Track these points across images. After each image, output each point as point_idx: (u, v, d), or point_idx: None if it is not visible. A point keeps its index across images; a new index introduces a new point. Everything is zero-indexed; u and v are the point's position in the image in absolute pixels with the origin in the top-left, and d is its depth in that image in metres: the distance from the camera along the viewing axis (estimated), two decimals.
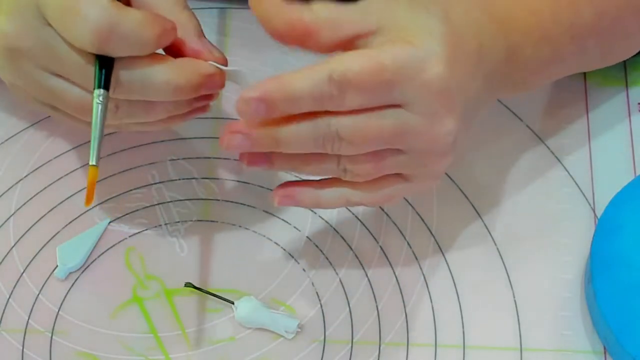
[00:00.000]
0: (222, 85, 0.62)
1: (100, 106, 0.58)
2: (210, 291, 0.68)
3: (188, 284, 0.68)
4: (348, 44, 0.57)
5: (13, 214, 0.71)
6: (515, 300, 0.68)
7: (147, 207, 0.72)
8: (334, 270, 0.69)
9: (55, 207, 0.72)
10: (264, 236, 0.70)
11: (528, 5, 0.63)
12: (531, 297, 0.68)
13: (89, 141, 0.58)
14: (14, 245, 0.70)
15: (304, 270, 0.69)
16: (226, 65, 0.62)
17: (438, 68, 0.56)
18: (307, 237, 0.70)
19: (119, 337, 0.67)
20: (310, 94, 0.57)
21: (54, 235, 0.70)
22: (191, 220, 0.71)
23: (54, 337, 0.67)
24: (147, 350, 0.66)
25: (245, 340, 0.67)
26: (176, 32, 0.60)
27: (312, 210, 0.71)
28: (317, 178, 0.62)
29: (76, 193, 0.72)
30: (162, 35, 0.59)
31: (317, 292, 0.68)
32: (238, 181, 0.73)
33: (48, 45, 0.58)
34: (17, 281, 0.69)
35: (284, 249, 0.70)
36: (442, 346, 0.66)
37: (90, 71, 0.58)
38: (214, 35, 0.80)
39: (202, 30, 0.62)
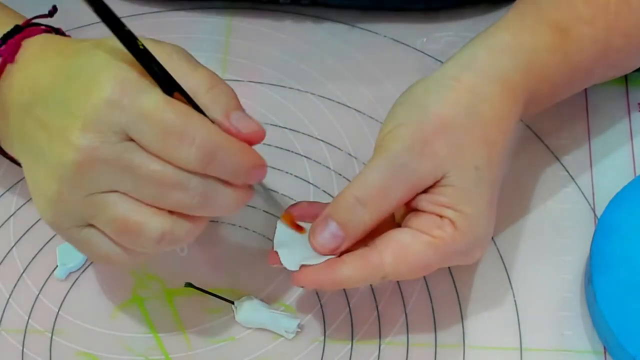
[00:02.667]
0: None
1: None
2: (210, 291, 0.68)
3: (188, 284, 0.68)
4: None
5: (13, 214, 0.71)
6: (515, 300, 0.68)
7: None
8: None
9: None
10: (264, 236, 0.70)
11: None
12: (531, 297, 0.68)
13: None
14: (14, 245, 0.70)
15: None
16: (263, 136, 0.59)
17: (483, 250, 0.63)
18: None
19: (119, 337, 0.67)
20: (359, 286, 0.64)
21: (54, 235, 0.70)
22: None
23: (54, 337, 0.67)
24: (147, 350, 0.66)
25: (245, 340, 0.67)
26: (266, 169, 0.59)
27: None
28: None
29: None
30: (257, 169, 0.59)
31: (317, 292, 0.68)
32: None
33: (123, 158, 0.55)
34: (17, 281, 0.69)
35: None
36: (442, 346, 0.66)
37: (166, 190, 0.56)
38: (215, 35, 0.80)
39: (235, 104, 0.58)
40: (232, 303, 0.67)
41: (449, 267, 0.69)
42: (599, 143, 0.74)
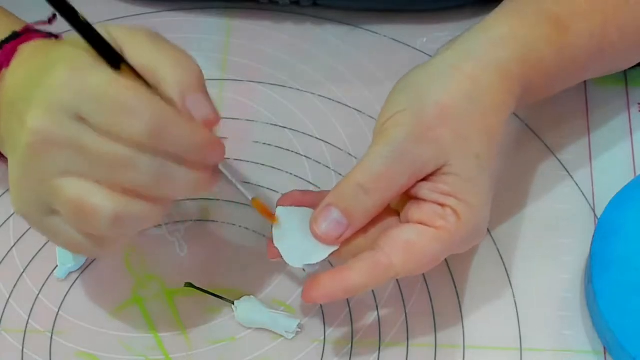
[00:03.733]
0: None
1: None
2: (210, 291, 0.68)
3: (188, 284, 0.68)
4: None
5: (13, 214, 0.71)
6: (515, 300, 0.68)
7: None
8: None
9: None
10: (264, 236, 0.70)
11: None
12: (531, 297, 0.68)
13: None
14: (14, 245, 0.70)
15: (304, 270, 0.69)
16: (216, 123, 0.58)
17: (482, 238, 0.63)
18: None
19: (119, 337, 0.67)
20: (373, 288, 0.63)
21: None
22: (191, 220, 0.71)
23: (54, 337, 0.67)
24: (147, 350, 0.66)
25: (245, 340, 0.67)
26: (222, 149, 0.58)
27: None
28: None
29: None
30: (211, 147, 0.57)
31: None
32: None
33: (74, 139, 0.55)
34: (17, 281, 0.69)
35: None
36: (442, 346, 0.66)
37: (117, 170, 0.55)
38: (215, 35, 0.80)
39: (195, 84, 0.57)
40: (232, 303, 0.67)
41: (449, 267, 0.69)
42: (599, 143, 0.74)
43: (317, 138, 0.75)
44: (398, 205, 0.63)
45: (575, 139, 0.74)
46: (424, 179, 0.61)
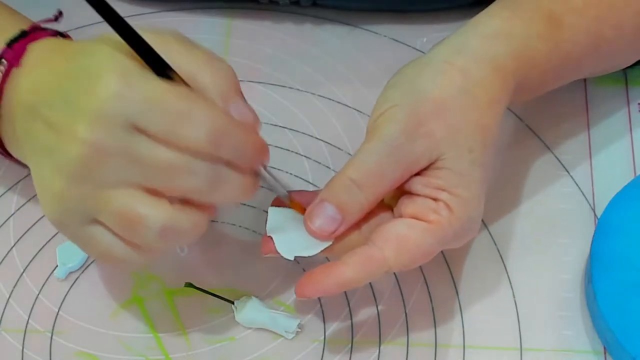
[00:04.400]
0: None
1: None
2: (210, 291, 0.68)
3: (188, 284, 0.68)
4: None
5: (13, 214, 0.72)
6: (515, 300, 0.68)
7: None
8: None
9: None
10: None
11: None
12: (531, 297, 0.68)
13: None
14: (14, 245, 0.70)
15: (304, 270, 0.69)
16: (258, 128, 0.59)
17: (475, 232, 0.63)
18: None
19: (119, 337, 0.67)
20: (366, 282, 0.61)
21: (54, 235, 0.70)
22: None
23: (54, 337, 0.67)
24: (147, 350, 0.66)
25: (245, 340, 0.67)
26: (269, 150, 0.59)
27: None
28: None
29: None
30: (262, 150, 0.59)
31: None
32: None
33: (130, 149, 0.55)
34: (17, 281, 0.69)
35: None
36: (442, 346, 0.66)
37: (173, 177, 0.56)
38: (215, 35, 0.80)
39: (234, 88, 0.58)
40: (232, 303, 0.67)
41: (449, 267, 0.69)
42: (598, 142, 0.74)
43: (317, 138, 0.75)
44: (391, 201, 0.63)
45: (575, 139, 0.74)
46: (417, 174, 0.61)
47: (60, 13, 0.65)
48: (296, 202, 0.63)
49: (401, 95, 0.61)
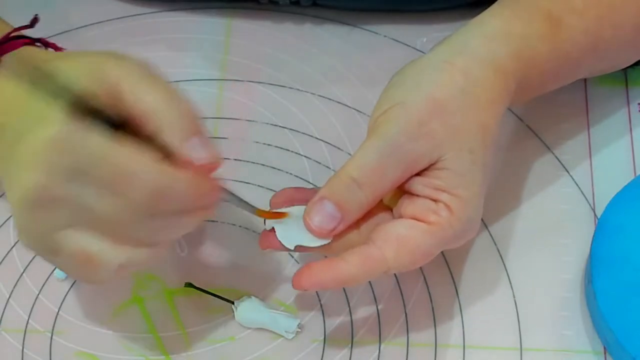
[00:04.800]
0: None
1: None
2: (210, 291, 0.68)
3: (188, 284, 0.68)
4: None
5: None
6: (515, 300, 0.68)
7: None
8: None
9: None
10: None
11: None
12: (531, 297, 0.68)
13: None
14: (14, 245, 0.70)
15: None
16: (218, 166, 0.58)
17: (475, 232, 0.63)
18: None
19: (119, 337, 0.67)
20: (363, 282, 0.63)
21: None
22: None
23: (54, 337, 0.67)
24: (147, 350, 0.66)
25: (245, 340, 0.67)
26: (218, 193, 0.58)
27: None
28: None
29: None
30: (208, 197, 0.57)
31: (317, 292, 0.68)
32: (238, 181, 0.73)
33: (74, 197, 0.54)
34: (17, 281, 0.69)
35: None
36: (442, 346, 0.66)
37: (118, 226, 0.55)
38: (215, 35, 0.80)
39: (193, 128, 0.57)
40: (232, 303, 0.67)
41: (448, 267, 0.69)
42: (598, 143, 0.74)
43: (317, 138, 0.75)
44: (391, 201, 0.63)
45: (575, 139, 0.74)
46: (418, 174, 0.61)
47: (36, 19, 0.65)
48: (268, 213, 0.62)
49: (402, 95, 0.61)
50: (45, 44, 0.65)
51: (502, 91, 0.62)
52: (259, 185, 0.72)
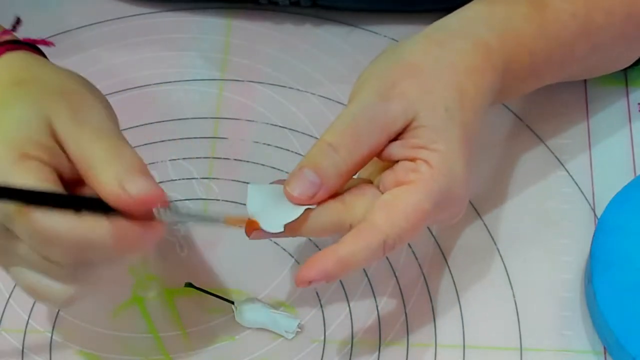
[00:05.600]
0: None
1: None
2: (210, 291, 0.68)
3: (188, 284, 0.68)
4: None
5: None
6: (515, 300, 0.68)
7: None
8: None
9: None
10: None
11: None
12: (531, 297, 0.68)
13: None
14: None
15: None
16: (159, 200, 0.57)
17: (465, 203, 0.62)
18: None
19: (119, 337, 0.67)
20: (366, 261, 0.59)
21: None
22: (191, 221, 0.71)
23: (54, 337, 0.67)
24: (147, 350, 0.66)
25: (245, 340, 0.67)
26: (151, 239, 0.57)
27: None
28: None
29: None
30: (134, 246, 0.57)
31: (317, 292, 0.68)
32: (238, 181, 0.73)
33: (6, 246, 0.56)
34: None
35: (284, 249, 0.70)
36: (442, 346, 0.66)
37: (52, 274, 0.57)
38: (215, 35, 0.80)
39: (133, 169, 0.56)
40: (232, 303, 0.67)
41: (448, 267, 0.69)
42: (599, 143, 0.74)
43: (317, 138, 0.74)
44: (376, 180, 0.62)
45: (576, 139, 0.74)
46: (396, 139, 0.60)
47: (18, 21, 0.65)
48: (235, 220, 0.61)
49: (377, 66, 0.62)
50: (34, 43, 0.64)
51: (484, 63, 0.62)
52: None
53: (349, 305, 0.68)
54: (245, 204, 0.61)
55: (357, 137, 0.60)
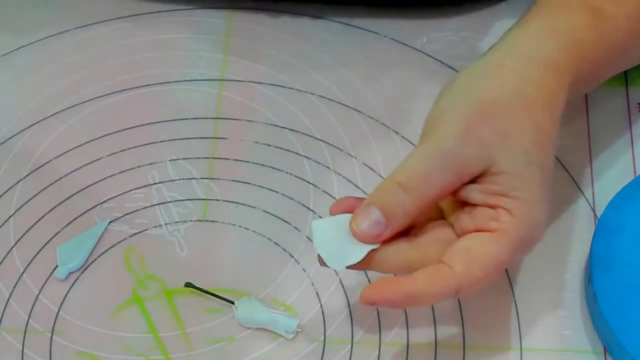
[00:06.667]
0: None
1: None
2: (210, 291, 0.68)
3: (188, 284, 0.68)
4: None
5: (13, 214, 0.71)
6: (515, 300, 0.68)
7: (147, 207, 0.72)
8: (334, 270, 0.69)
9: (55, 207, 0.72)
10: (264, 236, 0.70)
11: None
12: (531, 297, 0.68)
13: (88, 141, 0.57)
14: (14, 245, 0.70)
15: (304, 270, 0.69)
16: None
17: (541, 235, 0.61)
18: (307, 237, 0.70)
19: (119, 337, 0.67)
20: (434, 302, 0.62)
21: (54, 235, 0.70)
22: (191, 220, 0.71)
23: (54, 337, 0.67)
24: (147, 350, 0.66)
25: (245, 340, 0.67)
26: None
27: (311, 210, 0.71)
28: None
29: (76, 193, 0.72)
30: None
31: (317, 292, 0.68)
32: (238, 181, 0.73)
33: None
34: (17, 281, 0.69)
35: (284, 249, 0.70)
36: (442, 346, 0.66)
37: None
38: (215, 35, 0.80)
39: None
40: (232, 303, 0.67)
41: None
42: (599, 143, 0.74)
43: (317, 138, 0.75)
44: (449, 214, 0.62)
45: (575, 139, 0.74)
46: (473, 182, 0.60)
47: None
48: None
49: (451, 101, 0.60)
50: None
51: (557, 88, 0.61)
52: (259, 186, 0.72)
53: (349, 305, 0.68)
54: (245, 205, 0.61)
55: (428, 180, 0.59)
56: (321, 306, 0.68)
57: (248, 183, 0.73)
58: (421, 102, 0.75)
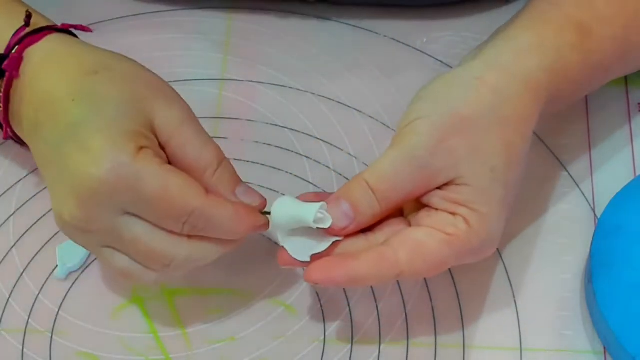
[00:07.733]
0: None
1: None
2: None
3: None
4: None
5: (13, 214, 0.71)
6: (515, 300, 0.68)
7: None
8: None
9: None
10: (264, 236, 0.70)
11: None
12: (531, 297, 0.68)
13: None
14: (14, 245, 0.70)
15: (304, 270, 0.69)
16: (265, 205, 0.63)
17: (493, 249, 0.63)
18: None
19: (119, 337, 0.67)
20: (373, 284, 0.65)
21: (54, 235, 0.70)
22: None
23: (54, 337, 0.67)
24: (147, 350, 0.66)
25: (245, 340, 0.67)
26: (267, 227, 0.62)
27: None
28: None
29: None
30: (250, 231, 0.62)
31: (317, 292, 0.68)
32: None
33: (117, 231, 0.59)
34: (17, 281, 0.69)
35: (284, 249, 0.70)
36: (442, 346, 0.66)
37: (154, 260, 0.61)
38: (215, 35, 0.80)
39: (236, 178, 0.63)
40: (269, 214, 0.64)
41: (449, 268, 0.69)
42: (599, 143, 0.74)
43: (317, 138, 0.75)
44: (408, 213, 0.63)
45: (576, 140, 0.74)
46: (437, 188, 0.60)
47: (29, 16, 0.65)
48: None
49: (428, 108, 0.61)
50: (73, 28, 0.66)
51: (533, 107, 0.62)
52: (259, 185, 0.72)
53: (349, 305, 0.68)
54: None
55: (397, 185, 0.60)
56: (321, 306, 0.68)
57: (248, 183, 0.72)
58: None
